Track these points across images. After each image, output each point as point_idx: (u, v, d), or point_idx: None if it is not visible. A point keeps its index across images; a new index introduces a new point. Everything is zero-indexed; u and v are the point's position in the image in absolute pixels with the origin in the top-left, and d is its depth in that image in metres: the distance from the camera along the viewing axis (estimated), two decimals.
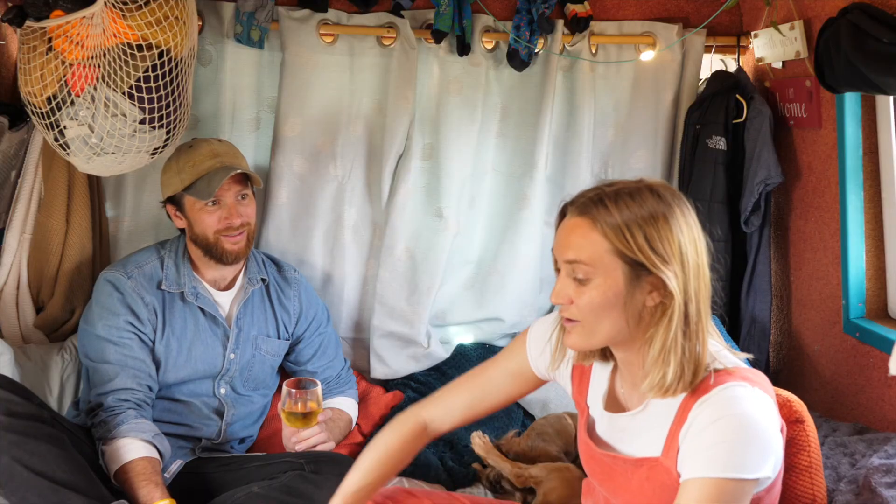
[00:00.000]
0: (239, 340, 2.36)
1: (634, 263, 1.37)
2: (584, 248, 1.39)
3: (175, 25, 2.25)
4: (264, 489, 1.97)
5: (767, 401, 1.38)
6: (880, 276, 2.38)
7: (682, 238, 1.38)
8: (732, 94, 2.67)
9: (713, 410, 1.34)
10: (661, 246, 1.36)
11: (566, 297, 1.41)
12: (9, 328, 2.56)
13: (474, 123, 2.79)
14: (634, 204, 1.38)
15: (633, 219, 1.37)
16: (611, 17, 2.82)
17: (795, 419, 1.55)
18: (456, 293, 2.98)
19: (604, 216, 1.38)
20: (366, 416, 2.67)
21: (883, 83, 1.97)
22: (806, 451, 1.55)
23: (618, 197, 1.39)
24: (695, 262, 1.39)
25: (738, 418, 1.32)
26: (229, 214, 2.27)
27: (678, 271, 1.37)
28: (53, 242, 2.55)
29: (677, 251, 1.37)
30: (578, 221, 1.40)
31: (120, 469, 2.02)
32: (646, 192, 1.40)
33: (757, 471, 1.32)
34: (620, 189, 1.40)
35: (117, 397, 2.14)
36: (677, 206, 1.40)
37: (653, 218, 1.37)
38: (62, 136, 2.26)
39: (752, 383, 1.38)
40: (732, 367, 1.42)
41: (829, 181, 2.46)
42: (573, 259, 1.40)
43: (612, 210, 1.38)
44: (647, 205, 1.38)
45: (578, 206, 1.42)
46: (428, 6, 2.73)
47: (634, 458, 1.46)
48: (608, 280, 1.38)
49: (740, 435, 1.32)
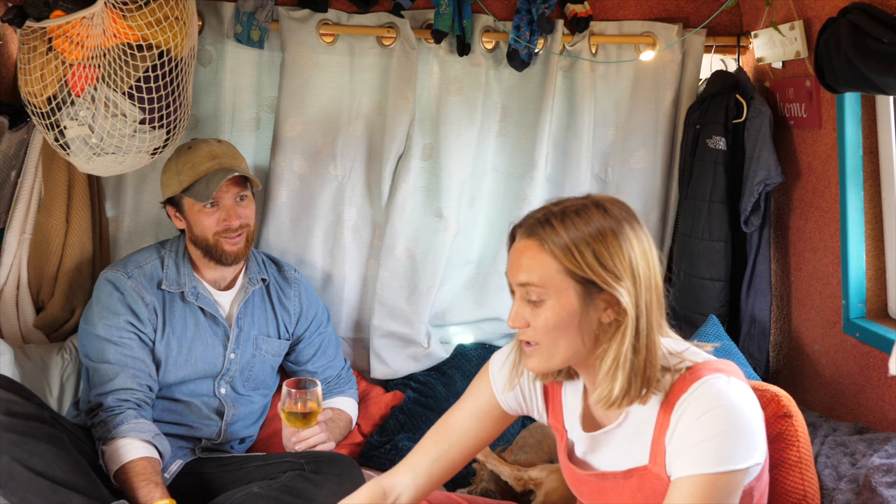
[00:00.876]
0: (239, 340, 2.36)
1: (585, 282, 1.37)
2: (535, 269, 1.38)
3: (175, 25, 2.25)
4: (264, 489, 1.97)
5: (745, 388, 1.39)
6: (880, 276, 2.38)
7: (632, 252, 1.38)
8: (732, 94, 2.66)
9: (696, 407, 1.34)
10: (610, 262, 1.36)
11: (522, 320, 1.41)
12: (9, 328, 2.56)
13: (474, 123, 2.79)
14: (581, 221, 1.38)
15: (581, 237, 1.36)
16: (611, 17, 2.82)
17: (784, 413, 1.54)
18: (456, 293, 2.98)
19: (551, 236, 1.37)
20: (366, 416, 2.67)
21: (883, 83, 1.97)
22: (795, 446, 1.55)
23: (564, 216, 1.39)
24: (646, 275, 1.39)
25: (723, 410, 1.33)
26: (228, 216, 2.27)
27: (629, 287, 1.37)
28: (53, 242, 2.55)
29: (628, 266, 1.37)
30: (527, 243, 1.40)
31: (120, 469, 2.02)
32: (592, 209, 1.39)
33: (747, 459, 1.33)
34: (567, 207, 1.40)
35: (117, 397, 2.14)
36: (626, 220, 1.40)
37: (601, 234, 1.37)
38: (62, 136, 2.26)
39: (727, 373, 1.39)
40: (703, 361, 1.42)
41: (829, 181, 2.46)
42: (525, 282, 1.39)
43: (560, 229, 1.37)
44: (594, 221, 1.38)
45: (526, 228, 1.42)
46: (428, 6, 2.73)
47: (622, 470, 1.46)
48: (561, 300, 1.38)
49: (727, 427, 1.32)
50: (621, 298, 1.36)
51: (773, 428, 1.54)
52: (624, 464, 1.46)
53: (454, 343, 2.99)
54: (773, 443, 1.53)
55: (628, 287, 1.36)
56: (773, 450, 1.53)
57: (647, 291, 1.39)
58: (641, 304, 1.38)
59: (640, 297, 1.38)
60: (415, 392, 2.79)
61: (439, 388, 2.82)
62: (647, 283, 1.39)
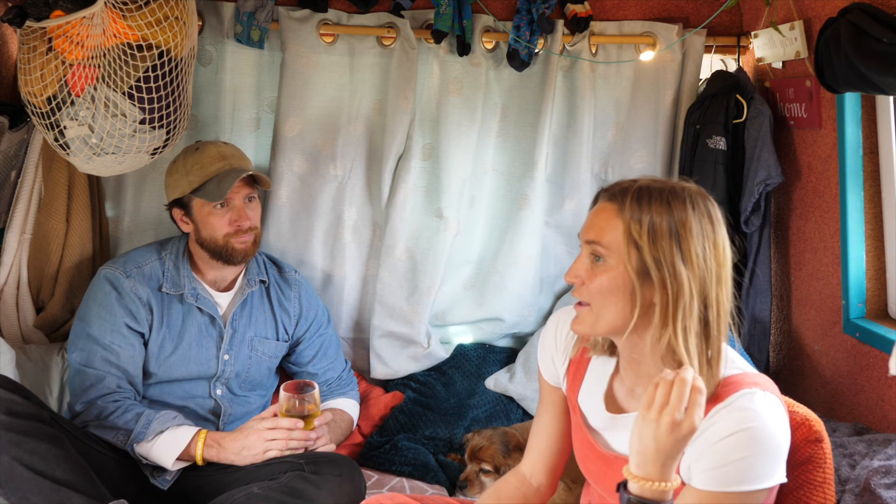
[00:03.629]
0: (233, 342, 2.36)
1: (648, 257, 1.38)
2: (606, 231, 1.41)
3: (175, 25, 2.25)
4: (264, 489, 1.97)
5: (779, 406, 1.39)
6: (880, 276, 2.38)
7: (706, 244, 1.39)
8: (732, 94, 2.66)
9: (730, 422, 1.34)
10: (679, 244, 1.37)
11: (578, 276, 1.44)
12: (9, 328, 2.56)
13: (474, 123, 2.79)
14: (661, 199, 1.40)
15: (657, 212, 1.38)
16: (611, 17, 2.82)
17: (815, 438, 1.54)
18: (456, 293, 2.98)
19: (630, 206, 1.40)
20: (366, 417, 2.67)
21: (883, 83, 1.97)
22: (822, 468, 1.55)
23: (650, 192, 1.41)
24: (715, 270, 1.39)
25: (754, 431, 1.32)
26: (239, 217, 2.27)
27: (693, 276, 1.37)
28: (53, 242, 2.55)
29: (694, 252, 1.38)
30: (606, 206, 1.44)
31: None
32: (677, 191, 1.41)
33: (770, 480, 1.34)
34: (655, 185, 1.42)
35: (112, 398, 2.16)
36: (705, 210, 1.42)
37: (676, 215, 1.39)
38: (62, 136, 2.26)
39: (763, 388, 1.38)
40: (740, 372, 1.42)
41: (829, 181, 2.46)
42: (592, 239, 1.43)
43: (641, 203, 1.40)
44: (673, 202, 1.40)
45: (610, 192, 1.45)
46: (428, 6, 2.73)
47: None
48: (620, 267, 1.40)
49: (757, 449, 1.32)
50: (683, 285, 1.37)
51: (803, 452, 1.53)
52: None
53: (454, 343, 2.99)
54: (802, 465, 1.53)
55: (692, 275, 1.37)
56: (801, 471, 1.53)
57: (716, 286, 1.39)
58: (710, 297, 1.38)
59: (708, 289, 1.38)
60: (415, 392, 2.80)
61: (439, 388, 2.82)
62: (717, 278, 1.40)
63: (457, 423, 2.67)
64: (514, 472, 1.74)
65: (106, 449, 2.11)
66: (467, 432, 2.51)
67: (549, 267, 2.99)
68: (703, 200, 1.43)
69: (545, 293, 3.01)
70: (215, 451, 2.11)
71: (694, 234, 1.38)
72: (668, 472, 1.30)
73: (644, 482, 1.29)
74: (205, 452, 2.11)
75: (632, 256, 1.39)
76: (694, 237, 1.38)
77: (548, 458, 1.69)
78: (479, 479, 2.30)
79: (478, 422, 2.68)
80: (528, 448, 1.73)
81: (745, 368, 1.44)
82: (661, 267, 1.37)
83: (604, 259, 1.41)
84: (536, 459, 1.70)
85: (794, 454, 1.53)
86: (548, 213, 2.93)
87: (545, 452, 1.70)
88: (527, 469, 1.71)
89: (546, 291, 3.01)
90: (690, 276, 1.37)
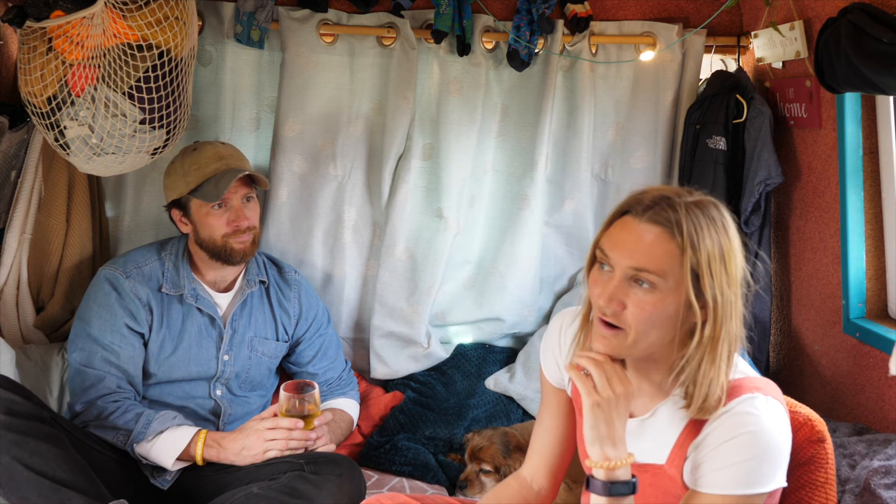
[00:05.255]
0: (233, 342, 2.36)
1: (707, 286, 1.33)
2: (660, 258, 1.33)
3: (175, 26, 2.25)
4: (264, 489, 1.97)
5: (780, 410, 1.39)
6: (880, 276, 2.38)
7: (741, 258, 1.38)
8: (732, 94, 2.66)
9: (731, 426, 1.34)
10: (726, 267, 1.35)
11: (620, 302, 1.36)
12: (9, 328, 2.56)
13: (474, 123, 2.79)
14: (707, 220, 1.35)
15: (710, 236, 1.34)
16: (611, 17, 2.82)
17: (817, 439, 1.55)
18: (456, 293, 2.98)
19: (688, 232, 1.33)
20: (366, 417, 2.67)
21: (883, 83, 1.97)
22: (824, 468, 1.56)
23: (693, 210, 1.35)
24: (744, 282, 1.39)
25: (757, 435, 1.33)
26: (237, 217, 2.27)
27: (735, 297, 1.36)
28: (53, 242, 2.55)
29: (735, 272, 1.36)
30: (652, 228, 1.35)
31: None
32: (712, 209, 1.38)
33: (771, 483, 1.34)
34: (692, 202, 1.37)
35: (111, 399, 2.16)
36: (732, 224, 1.40)
37: (722, 237, 1.36)
38: (62, 137, 2.26)
39: (765, 392, 1.39)
40: (743, 376, 1.42)
41: (829, 181, 2.46)
42: (643, 267, 1.34)
43: (691, 223, 1.34)
44: (718, 222, 1.36)
45: (649, 211, 1.36)
46: (428, 6, 2.73)
47: (638, 463, 1.47)
48: (672, 294, 1.34)
49: (758, 453, 1.33)
50: (725, 307, 1.34)
51: (805, 452, 1.54)
52: (641, 457, 1.47)
53: (454, 343, 2.99)
54: (804, 465, 1.54)
55: (735, 293, 1.36)
56: (803, 472, 1.54)
57: (738, 302, 1.38)
58: (738, 314, 1.37)
59: (738, 307, 1.37)
60: (415, 392, 2.79)
61: (439, 388, 2.82)
62: (745, 295, 1.39)
63: (457, 423, 2.67)
64: (515, 475, 1.73)
65: (106, 449, 2.11)
66: (467, 432, 2.51)
67: (549, 267, 2.99)
68: (730, 215, 1.41)
69: (545, 293, 3.01)
70: (215, 451, 2.11)
71: (735, 255, 1.36)
72: (618, 451, 1.38)
73: (601, 466, 1.38)
74: (205, 452, 2.11)
75: (689, 285, 1.33)
76: (735, 257, 1.36)
77: (549, 461, 1.68)
78: (479, 479, 2.31)
79: (478, 422, 2.69)
80: (530, 451, 1.72)
81: (747, 373, 1.44)
82: (714, 292, 1.34)
83: (653, 285, 1.33)
84: (538, 463, 1.69)
85: (796, 455, 1.53)
86: (548, 213, 2.93)
87: (547, 456, 1.68)
88: (528, 472, 1.70)
89: (546, 291, 3.01)
90: (734, 298, 1.35)
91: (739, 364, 1.46)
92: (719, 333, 1.35)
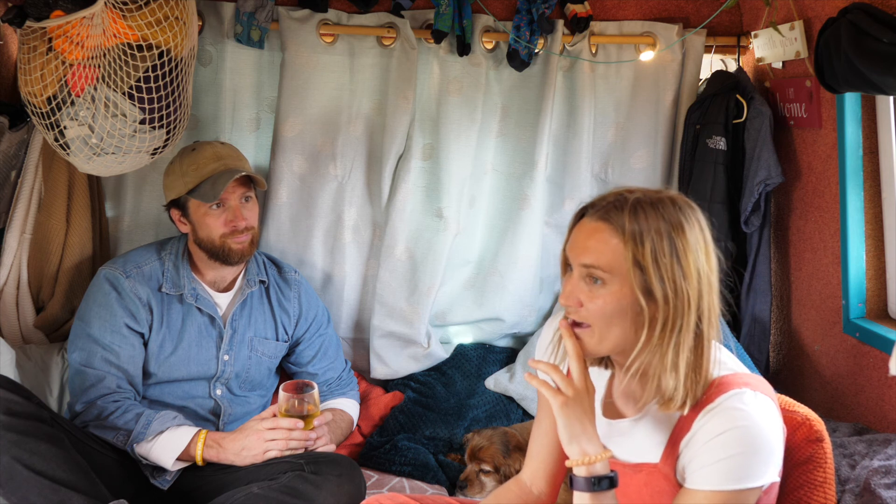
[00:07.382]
0: (233, 342, 2.36)
1: (651, 274, 1.36)
2: (604, 253, 1.37)
3: (175, 25, 2.25)
4: (264, 489, 1.97)
5: (770, 405, 1.39)
6: (880, 276, 2.38)
7: (699, 253, 1.38)
8: (732, 94, 2.66)
9: (719, 422, 1.34)
10: (679, 260, 1.36)
11: (576, 299, 1.41)
12: (9, 328, 2.56)
13: (474, 123, 2.79)
14: (656, 214, 1.37)
15: (656, 230, 1.36)
16: (611, 17, 2.82)
17: (816, 438, 1.55)
18: (456, 293, 2.98)
19: (626, 223, 1.37)
20: (366, 417, 2.67)
21: (883, 83, 1.97)
22: (822, 468, 1.56)
23: (641, 206, 1.38)
24: (707, 277, 1.39)
25: (744, 430, 1.33)
26: (234, 217, 2.27)
27: (693, 286, 1.36)
28: (53, 242, 2.55)
29: (693, 266, 1.37)
30: (599, 226, 1.39)
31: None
32: (667, 204, 1.39)
33: (762, 478, 1.34)
34: (642, 198, 1.39)
35: (111, 399, 2.16)
36: (695, 219, 1.40)
37: (674, 231, 1.37)
38: (62, 136, 2.26)
39: (754, 388, 1.38)
40: (731, 373, 1.42)
41: (829, 181, 2.46)
42: (591, 263, 1.38)
43: (635, 219, 1.37)
44: (669, 217, 1.38)
45: (600, 210, 1.40)
46: (428, 6, 2.73)
47: (632, 462, 1.47)
48: (623, 288, 1.37)
49: (747, 447, 1.33)
50: (683, 296, 1.36)
51: (804, 451, 1.54)
52: (635, 457, 1.47)
53: (454, 343, 2.99)
54: (803, 465, 1.54)
55: (692, 286, 1.36)
56: (802, 471, 1.54)
57: (708, 294, 1.39)
58: (703, 306, 1.38)
59: (703, 298, 1.38)
60: (415, 392, 2.80)
61: (439, 388, 2.82)
62: (709, 286, 1.39)
63: (457, 423, 2.67)
64: (515, 479, 1.72)
65: (106, 449, 2.11)
66: (467, 432, 2.51)
67: (549, 267, 2.99)
68: (691, 210, 1.41)
69: (545, 293, 3.01)
70: (215, 452, 2.11)
71: (691, 248, 1.37)
72: (594, 446, 1.41)
73: (581, 463, 1.40)
74: (205, 453, 2.11)
75: (636, 278, 1.36)
76: (691, 251, 1.37)
77: (548, 465, 1.67)
78: (478, 479, 2.31)
79: (478, 422, 2.69)
80: (529, 455, 1.71)
81: (736, 369, 1.44)
82: (665, 285, 1.36)
83: (603, 282, 1.38)
84: (537, 467, 1.68)
85: (794, 454, 1.53)
86: (548, 213, 2.93)
87: (546, 459, 1.68)
88: (527, 476, 1.70)
89: (546, 291, 3.01)
90: (689, 290, 1.36)
91: (728, 361, 1.45)
92: (671, 327, 1.36)
